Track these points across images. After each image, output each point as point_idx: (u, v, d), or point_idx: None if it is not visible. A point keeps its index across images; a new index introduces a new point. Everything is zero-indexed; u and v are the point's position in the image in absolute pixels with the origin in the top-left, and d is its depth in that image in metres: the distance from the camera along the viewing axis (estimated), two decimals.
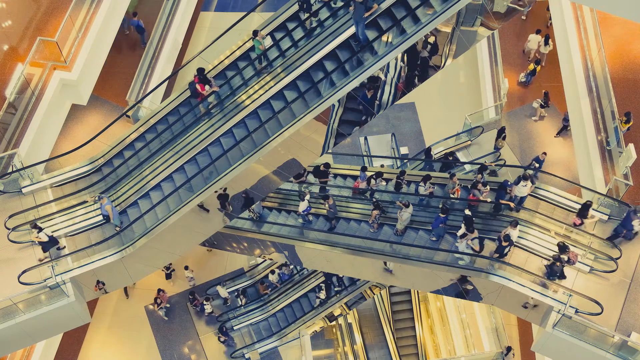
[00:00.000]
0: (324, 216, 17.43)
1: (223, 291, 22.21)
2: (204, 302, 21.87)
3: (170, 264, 22.01)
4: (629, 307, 14.41)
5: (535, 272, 14.91)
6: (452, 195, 16.74)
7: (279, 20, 15.93)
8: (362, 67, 13.92)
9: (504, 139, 20.85)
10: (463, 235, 15.40)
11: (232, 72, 16.15)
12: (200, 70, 15.53)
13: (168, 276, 22.69)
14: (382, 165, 22.51)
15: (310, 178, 18.34)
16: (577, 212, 15.63)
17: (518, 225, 14.93)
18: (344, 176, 18.95)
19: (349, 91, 13.85)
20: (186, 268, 22.39)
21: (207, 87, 15.67)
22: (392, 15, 14.07)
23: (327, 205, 16.72)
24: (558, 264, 14.52)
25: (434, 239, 16.11)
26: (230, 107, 15.69)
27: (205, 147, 15.64)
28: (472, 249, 15.32)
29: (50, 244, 15.41)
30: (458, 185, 16.77)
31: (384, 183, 17.64)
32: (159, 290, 21.76)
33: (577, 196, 16.68)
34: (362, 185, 17.69)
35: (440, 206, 15.89)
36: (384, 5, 14.14)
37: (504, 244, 14.74)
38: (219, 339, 21.64)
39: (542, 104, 21.31)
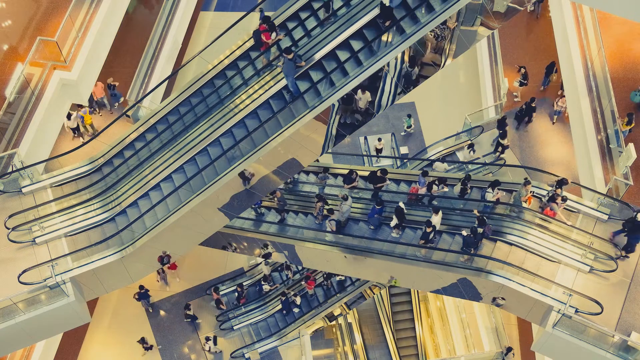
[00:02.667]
0: (275, 209, 18.00)
1: (266, 268, 22.36)
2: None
3: (144, 338, 21.09)
4: (629, 306, 14.41)
5: (531, 269, 14.92)
6: (524, 204, 15.99)
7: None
8: (361, 67, 13.94)
9: (555, 71, 21.38)
10: (396, 226, 15.97)
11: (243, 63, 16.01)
12: (267, 18, 14.66)
13: (148, 349, 21.28)
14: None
15: (361, 183, 18.03)
16: None
17: (440, 212, 15.50)
18: (397, 181, 18.22)
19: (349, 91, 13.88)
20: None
21: (273, 35, 14.82)
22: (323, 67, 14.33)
23: (275, 199, 17.20)
24: (472, 235, 14.83)
25: (372, 227, 16.49)
26: (231, 107, 15.70)
27: (204, 148, 15.60)
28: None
29: None
30: (531, 192, 16.06)
31: (446, 189, 16.87)
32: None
33: (578, 196, 16.67)
34: (422, 191, 16.94)
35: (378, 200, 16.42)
36: (317, 56, 14.33)
37: (428, 229, 15.13)
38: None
39: (521, 81, 21.38)
